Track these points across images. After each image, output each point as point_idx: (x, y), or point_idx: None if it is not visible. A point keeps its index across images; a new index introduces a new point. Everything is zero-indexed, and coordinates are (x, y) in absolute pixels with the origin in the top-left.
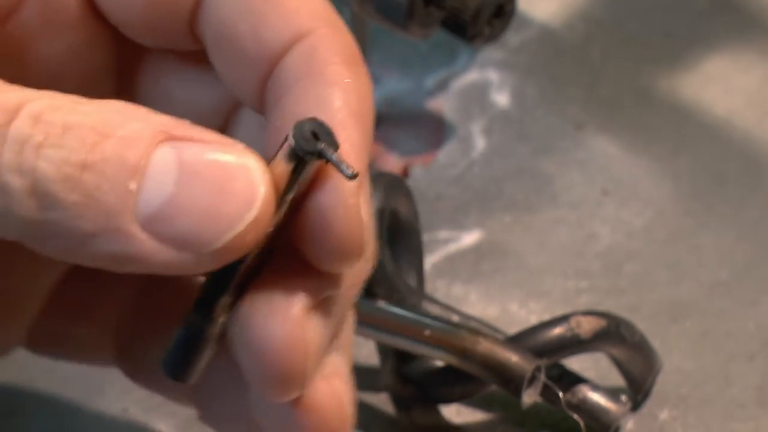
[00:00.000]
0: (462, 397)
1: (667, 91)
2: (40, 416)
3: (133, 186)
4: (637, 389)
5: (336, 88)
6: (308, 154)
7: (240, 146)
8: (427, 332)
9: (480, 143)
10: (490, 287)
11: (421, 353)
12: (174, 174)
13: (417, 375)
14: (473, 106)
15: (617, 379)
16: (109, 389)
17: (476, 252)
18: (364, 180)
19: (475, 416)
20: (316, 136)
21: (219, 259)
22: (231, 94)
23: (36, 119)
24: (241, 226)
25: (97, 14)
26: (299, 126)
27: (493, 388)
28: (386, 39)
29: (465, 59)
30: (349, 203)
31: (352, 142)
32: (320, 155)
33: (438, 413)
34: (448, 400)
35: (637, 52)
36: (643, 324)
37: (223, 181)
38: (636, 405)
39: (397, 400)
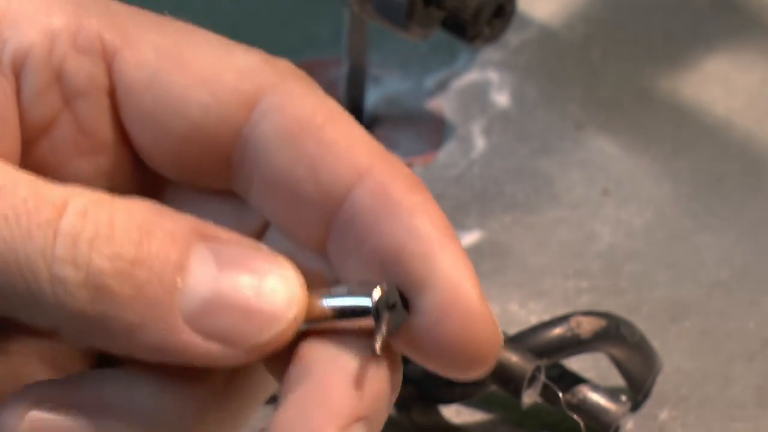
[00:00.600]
0: (462, 397)
1: (667, 91)
2: None
3: (179, 281)
4: (637, 389)
5: (420, 215)
6: (377, 321)
7: (266, 248)
8: None
9: (480, 143)
10: (490, 287)
11: None
12: (213, 271)
13: (417, 375)
14: (473, 106)
15: (617, 379)
16: None
17: (476, 252)
18: (478, 286)
19: (475, 416)
20: (389, 305)
21: (258, 354)
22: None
23: (83, 215)
24: (281, 325)
25: (126, 140)
26: (387, 296)
27: (493, 388)
28: (386, 39)
29: (465, 59)
30: (480, 308)
31: (458, 256)
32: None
33: (438, 413)
34: (448, 400)
35: (637, 52)
36: (643, 324)
37: (262, 277)
38: (636, 405)
39: (397, 400)
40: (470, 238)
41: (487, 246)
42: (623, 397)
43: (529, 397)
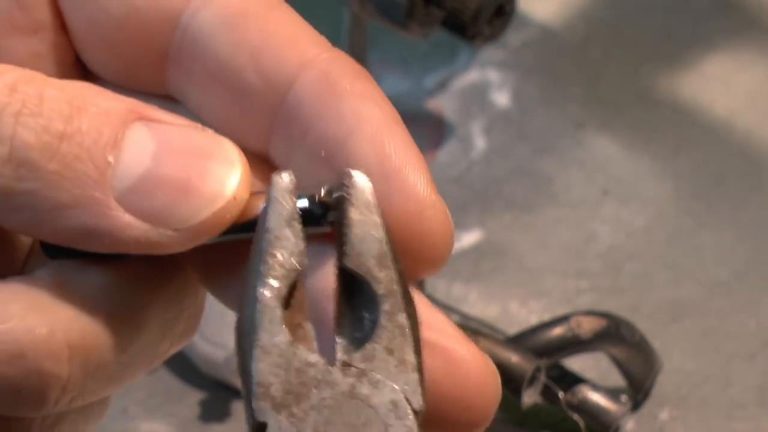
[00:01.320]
0: None
1: (667, 91)
2: None
3: (111, 158)
4: (637, 389)
5: (366, 101)
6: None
7: (211, 131)
8: None
9: (480, 143)
10: (490, 287)
11: None
12: (151, 149)
13: None
14: (473, 105)
15: (617, 379)
16: None
17: (476, 252)
18: (430, 179)
19: None
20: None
21: (194, 238)
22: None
23: (12, 88)
24: (218, 204)
25: (63, 26)
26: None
27: None
28: (386, 39)
29: (465, 59)
30: (433, 206)
31: (406, 143)
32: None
33: None
34: None
35: (637, 52)
36: (643, 324)
37: (199, 157)
38: (636, 405)
39: None
40: (470, 237)
41: (487, 246)
42: (623, 397)
43: (529, 397)
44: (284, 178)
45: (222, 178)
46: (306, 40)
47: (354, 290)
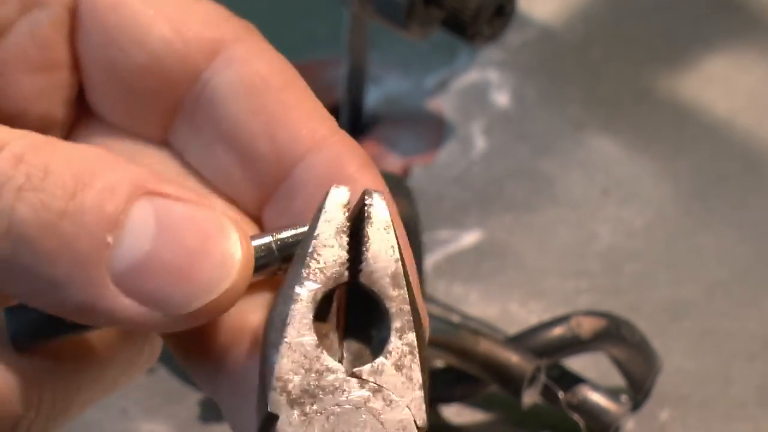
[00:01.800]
0: (462, 397)
1: (667, 91)
2: None
3: (110, 239)
4: (637, 389)
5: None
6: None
7: (218, 209)
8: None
9: (480, 143)
10: (490, 287)
11: None
12: (152, 230)
13: None
14: (473, 106)
15: (617, 379)
16: None
17: (476, 252)
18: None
19: (475, 416)
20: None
21: (190, 323)
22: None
23: (18, 159)
24: (215, 294)
25: (77, 66)
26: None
27: (493, 388)
28: (386, 39)
29: (465, 59)
30: None
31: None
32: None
33: (438, 413)
34: (448, 400)
35: (637, 52)
36: (643, 324)
37: (201, 244)
38: (636, 405)
39: None
40: (470, 238)
41: (487, 246)
42: (623, 397)
43: (529, 397)
44: (342, 192)
45: (220, 267)
46: (320, 118)
47: (362, 306)
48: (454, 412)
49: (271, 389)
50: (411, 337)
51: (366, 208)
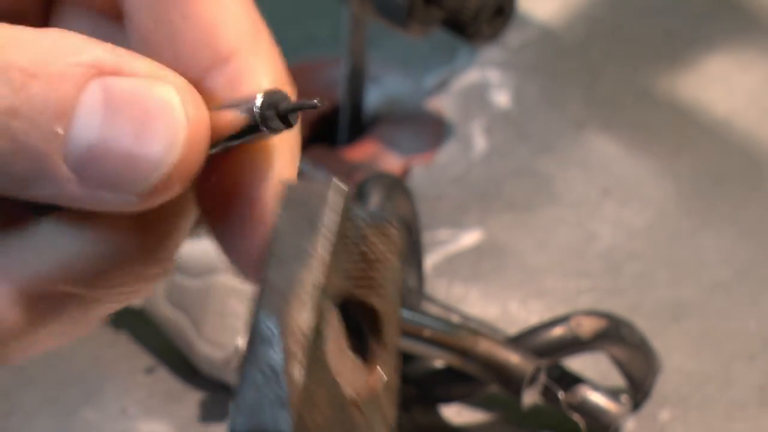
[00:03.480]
0: (462, 397)
1: (667, 91)
2: (40, 416)
3: (59, 130)
4: (637, 389)
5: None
6: (272, 130)
7: (173, 79)
8: (427, 332)
9: (480, 143)
10: (490, 287)
11: (421, 353)
12: (100, 116)
13: (417, 375)
14: (473, 106)
15: (617, 379)
16: (109, 389)
17: (476, 252)
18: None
19: (475, 416)
20: (277, 111)
21: (148, 202)
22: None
23: None
24: (164, 170)
25: None
26: (269, 97)
27: (493, 388)
28: (386, 39)
29: (465, 59)
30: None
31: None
32: (273, 131)
33: (438, 413)
34: (448, 400)
35: (637, 52)
36: (643, 324)
37: (143, 122)
38: (636, 405)
39: (398, 400)
40: (470, 238)
41: (487, 246)
42: (623, 397)
43: (529, 397)
44: (343, 190)
45: (165, 142)
46: (228, 32)
47: (353, 323)
48: (454, 412)
49: (291, 411)
50: (394, 376)
51: (385, 225)
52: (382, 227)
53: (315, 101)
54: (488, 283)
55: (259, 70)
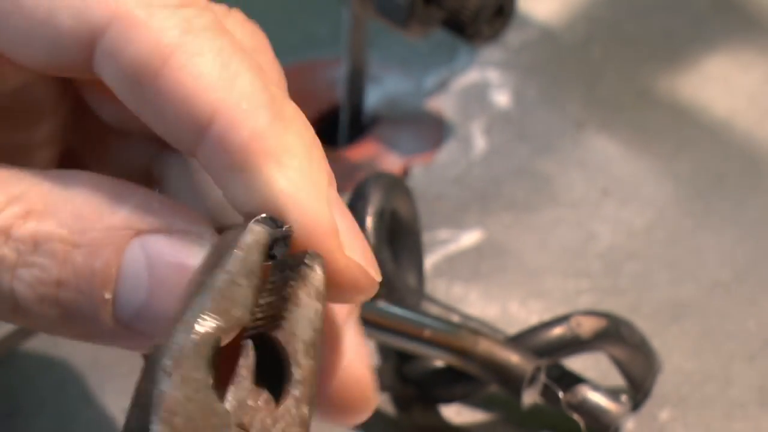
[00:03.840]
0: (462, 397)
1: (667, 91)
2: (40, 416)
3: (107, 296)
4: (637, 389)
5: (265, 168)
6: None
7: (206, 234)
8: (427, 332)
9: (480, 143)
10: (490, 287)
11: (421, 353)
12: (145, 280)
13: (417, 375)
14: (473, 106)
15: (617, 379)
16: (109, 389)
17: (476, 252)
18: (337, 226)
19: (475, 416)
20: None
21: None
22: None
23: (6, 235)
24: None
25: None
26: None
27: (493, 388)
28: (386, 39)
29: (465, 59)
30: (344, 264)
31: (312, 205)
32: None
33: (438, 413)
34: (448, 400)
35: (637, 52)
36: (643, 324)
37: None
38: (636, 405)
39: (397, 400)
40: (470, 238)
41: (487, 246)
42: (623, 397)
43: (529, 397)
44: (263, 234)
45: None
46: (204, 97)
47: (264, 358)
48: (454, 412)
49: (156, 418)
50: (305, 410)
51: (303, 268)
52: (302, 271)
53: (285, 228)
54: (488, 283)
55: (242, 120)
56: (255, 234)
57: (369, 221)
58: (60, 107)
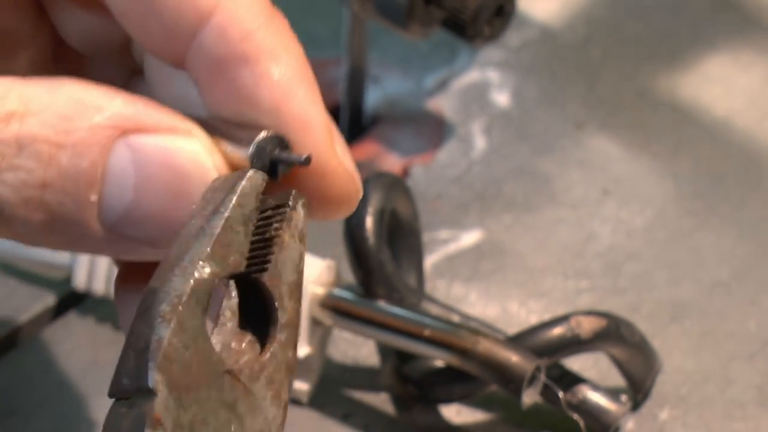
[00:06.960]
0: (462, 397)
1: (667, 91)
2: (40, 416)
3: (93, 197)
4: (637, 389)
5: (263, 61)
6: (270, 176)
7: (195, 131)
8: (427, 332)
9: (480, 143)
10: (490, 287)
11: (421, 353)
12: (132, 179)
13: (417, 375)
14: (473, 106)
15: (617, 379)
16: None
17: (476, 252)
18: (333, 129)
19: (475, 416)
20: (273, 149)
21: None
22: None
23: None
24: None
25: None
26: (259, 147)
27: (493, 388)
28: (386, 39)
29: (465, 59)
30: (334, 167)
31: (308, 103)
32: (274, 173)
33: (438, 413)
34: (448, 400)
35: (637, 52)
36: (643, 324)
37: (179, 186)
38: (636, 405)
39: (397, 400)
40: (470, 238)
41: (487, 246)
42: (623, 397)
43: (529, 397)
44: (259, 178)
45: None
46: None
47: (249, 301)
48: (454, 412)
49: (153, 365)
50: (291, 354)
51: (288, 210)
52: (284, 211)
53: (304, 157)
54: (488, 283)
55: (242, 15)
56: (253, 180)
57: (369, 221)
58: (38, 37)
